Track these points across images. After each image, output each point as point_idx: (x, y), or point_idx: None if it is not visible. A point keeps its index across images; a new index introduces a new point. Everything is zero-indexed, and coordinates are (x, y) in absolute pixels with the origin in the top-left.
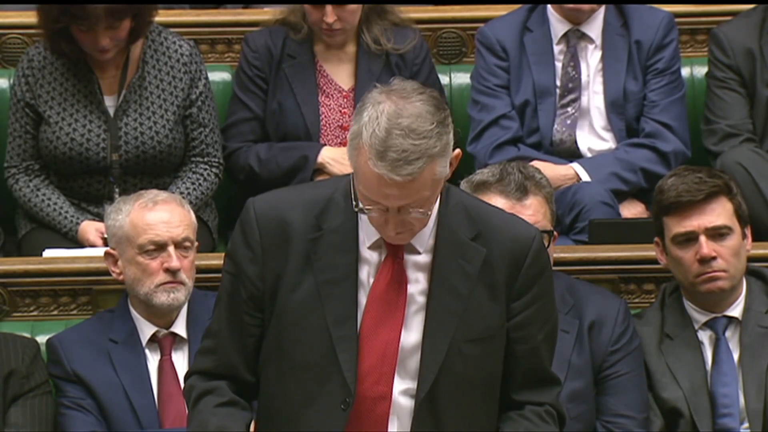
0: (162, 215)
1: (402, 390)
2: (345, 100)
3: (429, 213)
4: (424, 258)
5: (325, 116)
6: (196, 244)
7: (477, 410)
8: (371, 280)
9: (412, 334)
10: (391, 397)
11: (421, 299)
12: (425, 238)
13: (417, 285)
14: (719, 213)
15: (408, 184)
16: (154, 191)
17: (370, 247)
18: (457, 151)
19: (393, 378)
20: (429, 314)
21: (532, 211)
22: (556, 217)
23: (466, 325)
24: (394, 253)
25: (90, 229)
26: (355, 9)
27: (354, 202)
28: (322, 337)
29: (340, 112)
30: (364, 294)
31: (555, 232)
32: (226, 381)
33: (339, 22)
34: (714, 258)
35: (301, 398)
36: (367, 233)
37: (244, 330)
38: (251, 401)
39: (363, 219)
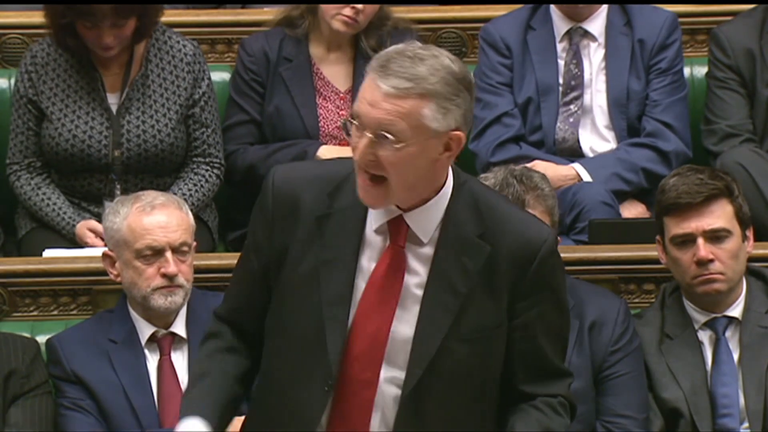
0: (159, 219)
1: (388, 380)
2: (342, 102)
3: (399, 153)
4: (427, 250)
5: (324, 118)
6: (194, 244)
7: (465, 410)
8: (372, 266)
9: (405, 326)
10: (376, 384)
11: (419, 292)
12: (430, 229)
13: (416, 277)
14: (718, 215)
15: (389, 100)
16: (153, 194)
17: (375, 231)
18: (459, 133)
19: (380, 366)
20: (423, 308)
21: None
22: (560, 223)
23: (460, 324)
24: (396, 240)
25: (85, 231)
26: (376, 6)
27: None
28: (314, 316)
29: (338, 114)
30: (363, 279)
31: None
32: (230, 327)
33: (362, 14)
34: (711, 261)
35: (291, 374)
36: (375, 216)
37: (254, 295)
38: (252, 351)
39: None
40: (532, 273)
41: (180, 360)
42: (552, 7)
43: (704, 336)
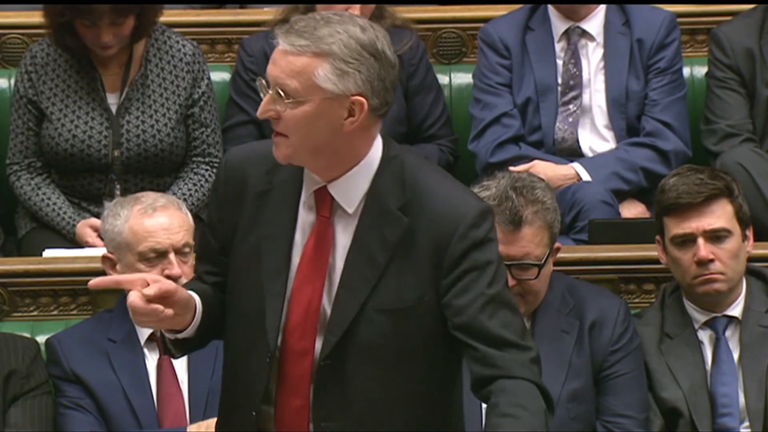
0: (162, 221)
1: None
2: None
3: (294, 111)
4: (352, 221)
5: None
6: (193, 244)
7: (387, 381)
8: (306, 239)
9: (331, 296)
10: (313, 352)
11: (341, 263)
12: (355, 199)
13: (341, 247)
14: (719, 215)
15: (285, 57)
16: (153, 195)
17: (306, 204)
18: (361, 98)
19: (315, 334)
20: (343, 278)
21: (524, 242)
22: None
23: (379, 294)
24: (321, 210)
25: (86, 229)
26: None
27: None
28: (257, 291)
29: None
30: (297, 253)
31: (557, 244)
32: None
33: (361, 12)
34: (712, 260)
35: (240, 349)
36: (306, 189)
37: (206, 275)
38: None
39: (307, 175)
40: (452, 249)
41: (179, 360)
42: (549, 7)
43: (704, 335)
